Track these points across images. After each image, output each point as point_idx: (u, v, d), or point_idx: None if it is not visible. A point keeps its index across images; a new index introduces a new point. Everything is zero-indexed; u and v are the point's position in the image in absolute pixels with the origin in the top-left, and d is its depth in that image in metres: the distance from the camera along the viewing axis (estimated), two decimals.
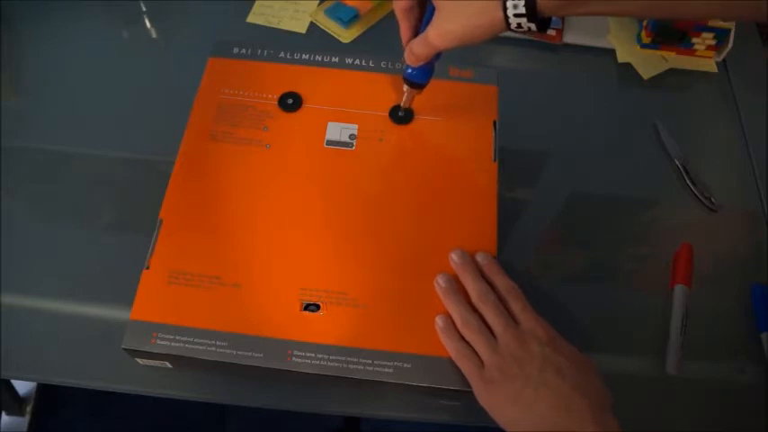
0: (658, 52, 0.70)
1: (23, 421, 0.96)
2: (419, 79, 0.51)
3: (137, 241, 0.49)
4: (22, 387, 0.97)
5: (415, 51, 0.48)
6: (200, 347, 0.45)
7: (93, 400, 0.97)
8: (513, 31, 0.43)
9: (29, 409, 0.97)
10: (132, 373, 0.50)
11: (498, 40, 0.70)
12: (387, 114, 0.55)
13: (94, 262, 0.55)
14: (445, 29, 0.44)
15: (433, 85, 0.53)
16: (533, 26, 0.42)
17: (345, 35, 0.69)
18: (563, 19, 0.70)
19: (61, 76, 0.65)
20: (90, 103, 0.64)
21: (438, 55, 0.49)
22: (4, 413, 0.95)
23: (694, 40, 0.68)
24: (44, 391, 0.98)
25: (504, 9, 0.42)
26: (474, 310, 0.46)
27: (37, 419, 0.96)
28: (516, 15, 0.42)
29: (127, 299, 0.46)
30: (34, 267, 0.54)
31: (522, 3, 0.41)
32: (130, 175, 0.60)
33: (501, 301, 0.46)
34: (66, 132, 0.62)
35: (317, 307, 0.47)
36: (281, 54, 0.58)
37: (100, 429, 0.98)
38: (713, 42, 0.68)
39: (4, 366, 0.50)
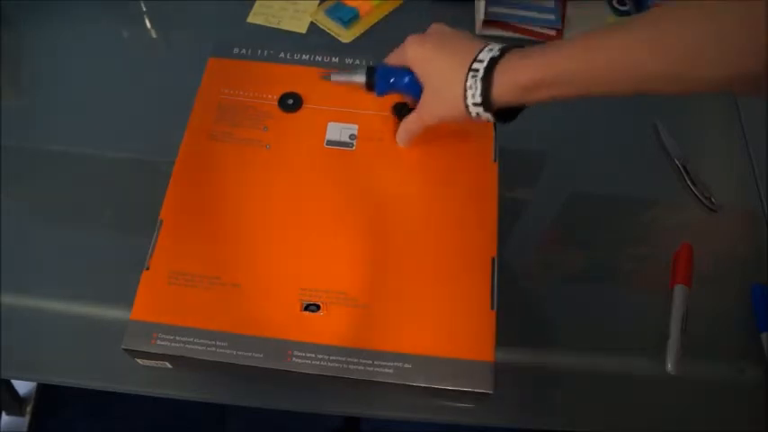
0: None
1: (23, 421, 0.96)
2: None
3: (137, 241, 0.50)
4: (22, 387, 0.98)
5: (411, 129, 0.52)
6: (200, 347, 0.45)
7: (93, 400, 0.97)
8: (476, 119, 0.46)
9: (29, 409, 0.97)
10: (132, 373, 0.50)
11: (498, 40, 0.70)
12: (387, 114, 0.55)
13: (94, 262, 0.55)
14: (434, 113, 0.49)
15: None
16: (490, 116, 0.45)
17: (345, 35, 0.69)
18: (563, 19, 0.70)
19: (61, 76, 0.65)
20: (90, 103, 0.64)
21: None
22: (4, 413, 0.95)
23: None
24: (44, 391, 0.99)
25: (465, 98, 0.45)
26: None
27: (37, 419, 0.97)
28: (474, 105, 0.45)
29: (127, 299, 0.46)
30: (34, 267, 0.54)
31: (479, 91, 0.44)
32: (130, 175, 0.60)
33: None
34: (66, 132, 0.62)
35: (317, 307, 0.47)
36: (281, 54, 0.58)
37: (100, 429, 0.98)
38: None
39: (4, 366, 0.50)
